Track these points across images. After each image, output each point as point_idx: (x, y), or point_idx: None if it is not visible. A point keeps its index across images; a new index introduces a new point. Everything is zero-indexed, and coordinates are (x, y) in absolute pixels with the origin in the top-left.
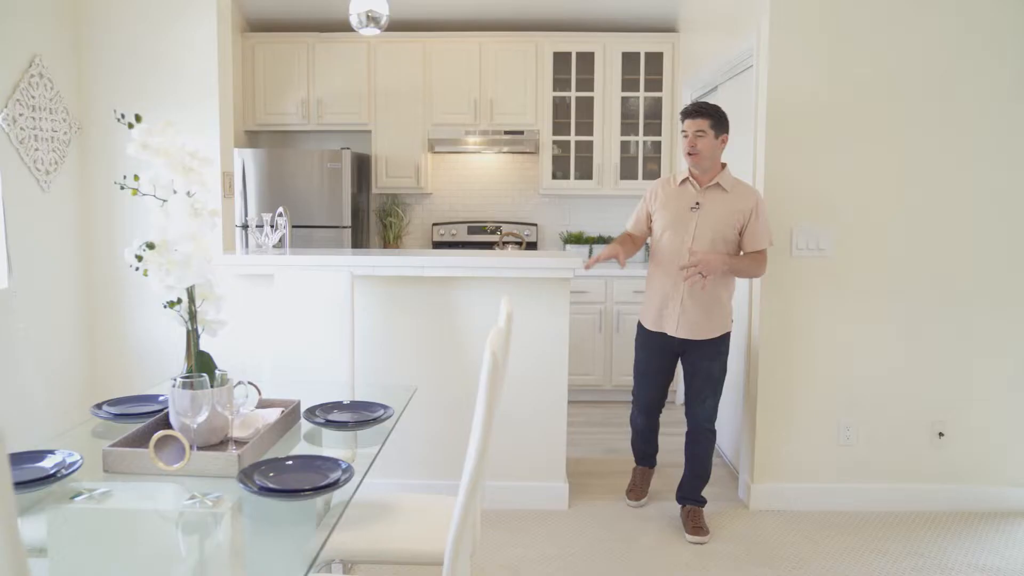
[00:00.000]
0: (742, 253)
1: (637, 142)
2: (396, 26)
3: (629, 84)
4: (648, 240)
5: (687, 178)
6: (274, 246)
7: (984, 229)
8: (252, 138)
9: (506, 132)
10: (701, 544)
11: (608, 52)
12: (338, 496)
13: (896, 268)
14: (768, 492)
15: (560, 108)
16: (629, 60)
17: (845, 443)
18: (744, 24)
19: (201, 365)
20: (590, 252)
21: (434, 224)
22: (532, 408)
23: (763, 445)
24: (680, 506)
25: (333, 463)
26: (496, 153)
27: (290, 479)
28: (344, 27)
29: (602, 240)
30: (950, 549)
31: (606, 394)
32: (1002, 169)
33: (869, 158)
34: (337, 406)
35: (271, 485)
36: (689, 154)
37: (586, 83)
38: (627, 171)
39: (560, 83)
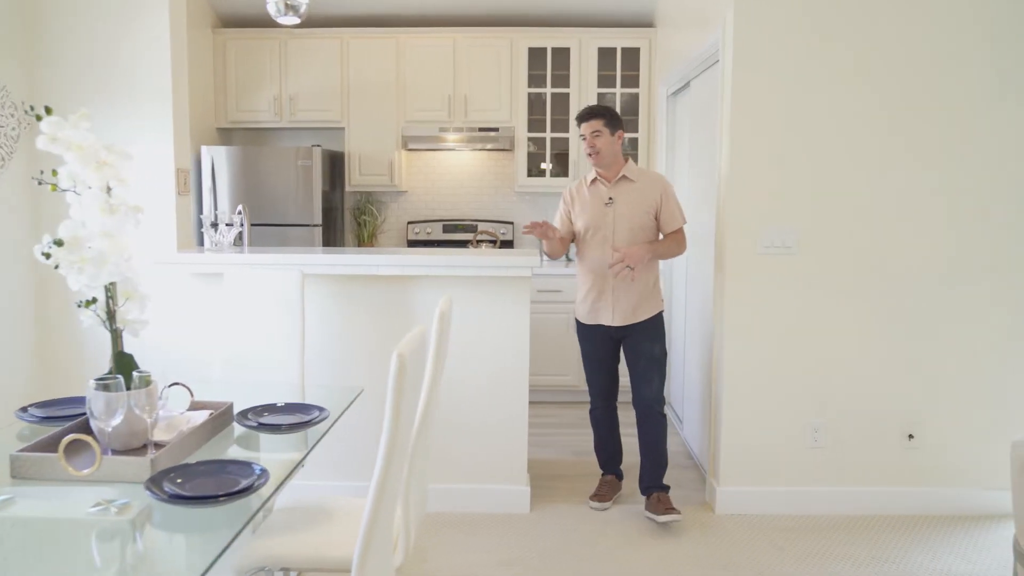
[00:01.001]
0: (661, 236)
1: None
2: (369, 21)
3: (605, 80)
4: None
5: (596, 178)
6: (234, 244)
7: (954, 228)
8: (225, 136)
9: (481, 129)
10: (677, 521)
11: (584, 47)
12: (253, 502)
13: (865, 267)
14: (734, 495)
15: (535, 104)
16: (605, 56)
17: (814, 445)
18: (712, 17)
19: (121, 366)
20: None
21: (409, 222)
22: (493, 409)
23: (729, 448)
24: (645, 497)
25: (247, 468)
26: (471, 150)
27: (201, 485)
28: (316, 22)
29: None
30: (916, 554)
31: (581, 395)
32: (972, 167)
33: (836, 154)
34: (270, 408)
35: (180, 492)
36: (590, 155)
37: (562, 79)
38: None
39: (535, 79)
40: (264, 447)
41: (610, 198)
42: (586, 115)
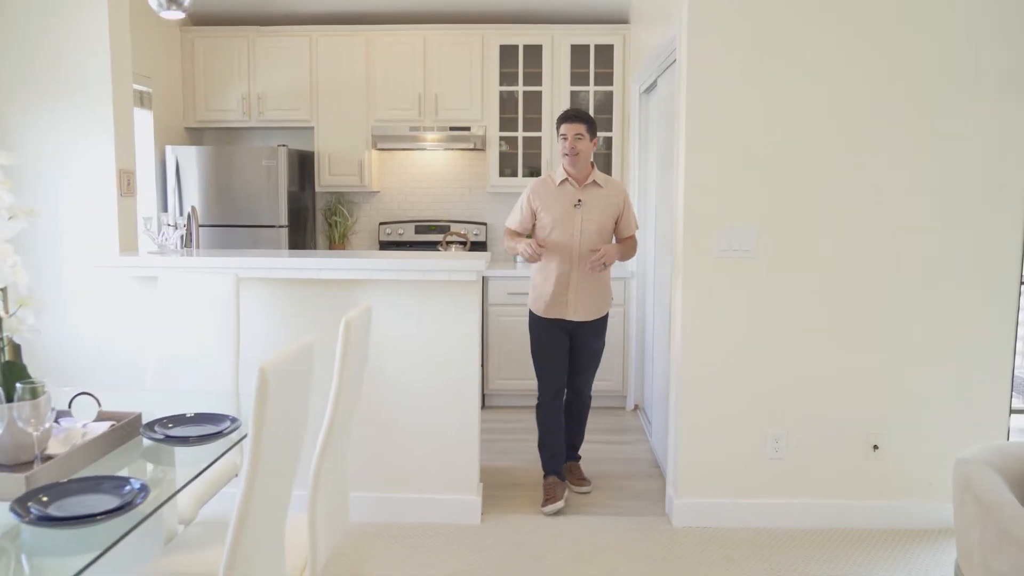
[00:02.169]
0: (614, 240)
1: None
2: (338, 18)
3: (578, 78)
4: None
5: (566, 178)
6: (184, 247)
7: (919, 230)
8: (196, 136)
9: (452, 128)
10: (588, 492)
11: (556, 44)
12: (126, 521)
13: (826, 271)
14: (692, 508)
15: (507, 103)
16: (578, 53)
17: (774, 456)
18: (670, 12)
19: (10, 375)
20: None
21: (381, 223)
22: (441, 417)
23: (687, 458)
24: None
25: (124, 485)
26: (443, 150)
27: (72, 504)
28: (285, 20)
29: None
30: (876, 570)
31: None
32: (938, 166)
33: (796, 154)
34: (179, 420)
35: (46, 512)
36: (567, 155)
37: (534, 77)
38: None
39: (507, 77)
40: (167, 460)
41: (579, 200)
42: (572, 117)
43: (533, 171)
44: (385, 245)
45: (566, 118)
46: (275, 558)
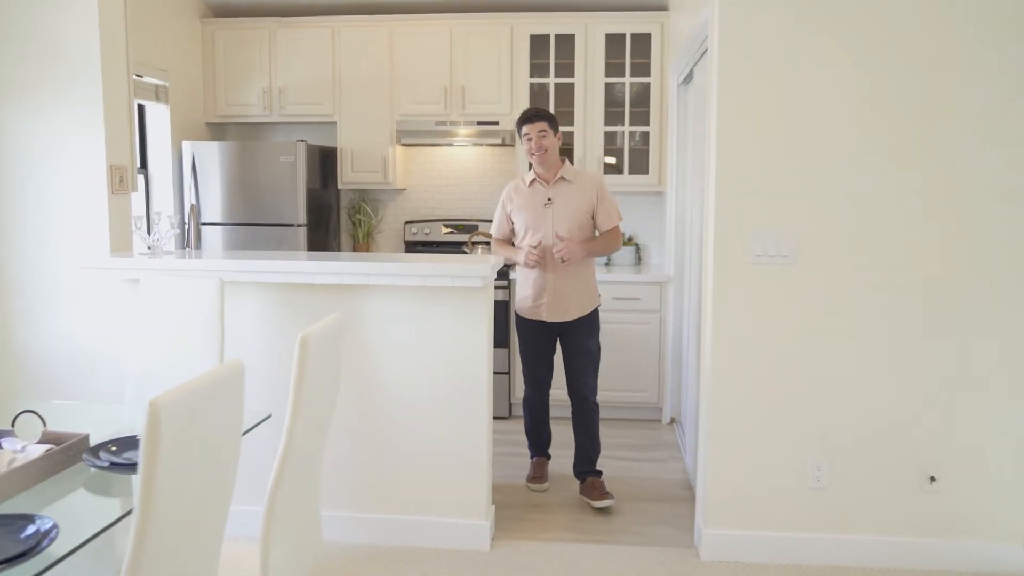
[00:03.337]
0: (597, 234)
1: (623, 133)
2: (361, 8)
3: (613, 69)
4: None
5: (535, 179)
6: (185, 247)
7: (982, 237)
8: (217, 131)
9: (479, 123)
10: (610, 506)
11: (590, 34)
12: (22, 572)
13: (876, 279)
14: (723, 539)
15: (538, 96)
16: (613, 43)
17: (816, 485)
18: None
19: None
20: None
21: (407, 222)
22: (448, 435)
23: (717, 485)
24: (580, 481)
25: (30, 525)
26: (471, 146)
27: None
28: (307, 10)
29: None
30: None
31: None
32: (1006, 165)
33: (842, 148)
34: (130, 443)
35: None
36: (536, 154)
37: (566, 68)
38: (613, 165)
39: (538, 68)
40: (116, 490)
41: (549, 199)
42: (532, 116)
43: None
44: (411, 245)
45: (526, 119)
46: None
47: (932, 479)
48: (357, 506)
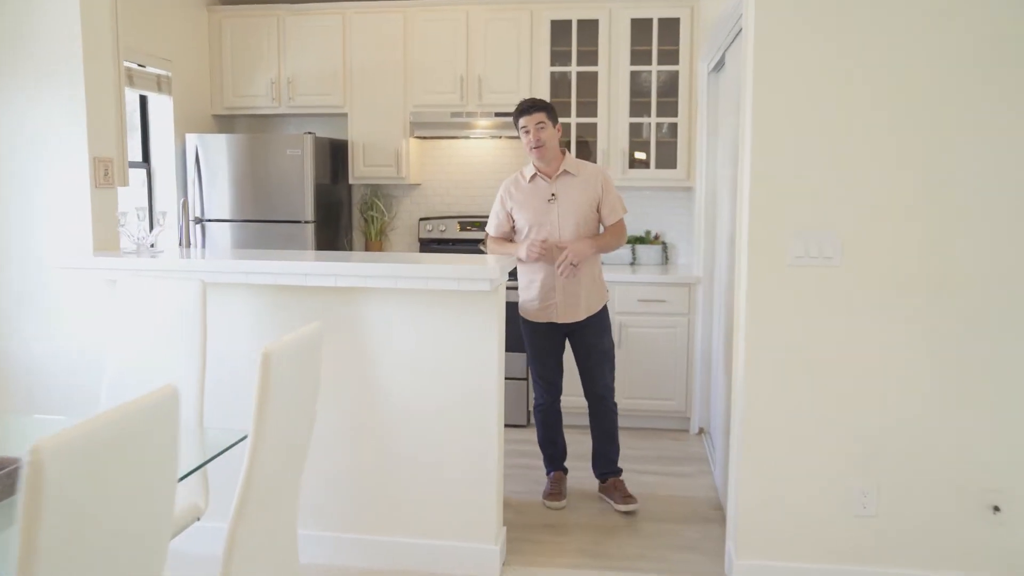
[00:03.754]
0: (602, 228)
1: (649, 124)
2: None
3: (639, 57)
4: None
5: (536, 174)
6: (180, 245)
7: None
8: (225, 123)
9: (497, 114)
10: (634, 511)
11: (614, 19)
12: None
13: (931, 284)
14: (757, 572)
15: (559, 85)
16: (639, 28)
17: (862, 513)
18: None
19: None
20: None
21: (421, 219)
22: (454, 450)
23: (750, 510)
24: (600, 481)
25: None
26: (488, 138)
27: None
28: None
29: None
30: None
31: None
32: None
33: (892, 139)
34: None
35: None
36: (535, 148)
37: (589, 56)
38: (638, 159)
39: (559, 56)
40: None
41: (552, 194)
42: (529, 108)
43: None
44: (425, 243)
45: (523, 111)
46: None
47: (996, 509)
48: (352, 526)
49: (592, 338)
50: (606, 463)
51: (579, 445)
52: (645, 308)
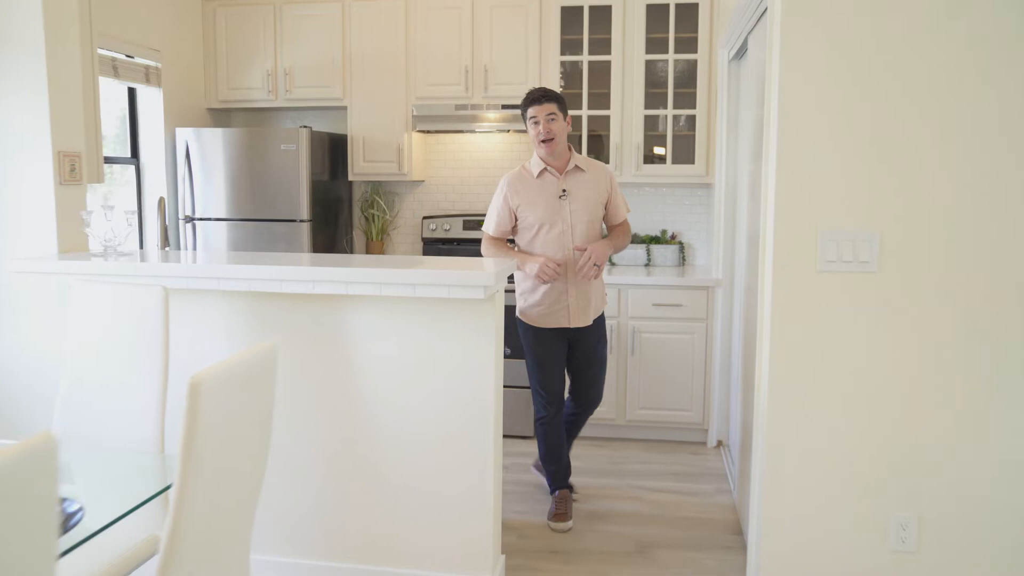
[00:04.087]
0: (604, 227)
1: (665, 117)
2: None
3: (655, 44)
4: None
5: (545, 168)
6: (161, 247)
7: None
8: (221, 117)
9: (504, 107)
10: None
11: (629, 5)
12: None
13: (979, 292)
14: None
15: (570, 76)
16: (655, 14)
17: (900, 548)
18: None
19: None
20: None
21: (425, 218)
22: (447, 473)
23: (773, 542)
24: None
25: None
26: (495, 132)
27: None
28: None
29: None
30: None
31: (618, 430)
32: None
33: (937, 131)
34: None
35: None
36: (545, 140)
37: (601, 44)
38: (652, 154)
39: (569, 45)
40: None
41: (563, 190)
42: (540, 97)
43: (600, 157)
44: (429, 243)
45: (534, 100)
46: None
47: None
48: (332, 553)
49: (594, 343)
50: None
51: (584, 460)
52: (660, 313)
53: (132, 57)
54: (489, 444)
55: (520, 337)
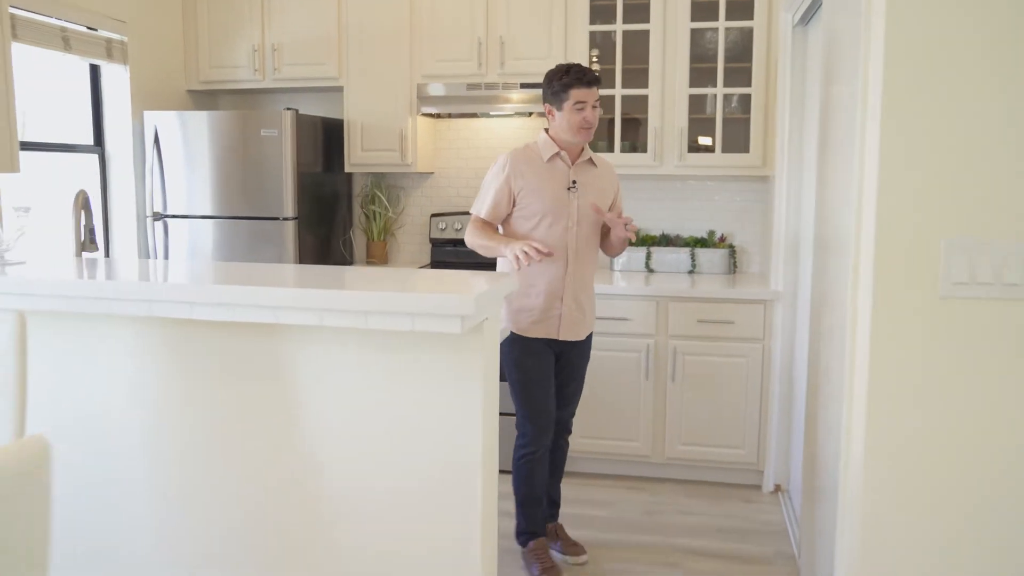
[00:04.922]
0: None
1: (715, 96)
2: None
3: (702, 10)
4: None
5: (557, 152)
6: (77, 253)
7: None
8: (204, 100)
9: (523, 85)
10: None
11: None
12: None
13: None
14: None
15: (602, 49)
16: None
17: None
18: None
19: None
20: (647, 257)
21: (433, 215)
22: (419, 547)
23: None
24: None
25: None
26: (513, 115)
27: None
28: None
29: (667, 239)
30: None
31: (654, 469)
32: None
33: None
34: None
35: None
36: (584, 129)
37: (638, 11)
38: (701, 143)
39: (600, 12)
40: None
41: (573, 182)
42: (593, 80)
43: (635, 145)
44: (438, 243)
45: (583, 80)
46: None
47: None
48: None
49: (579, 360)
50: (551, 504)
51: (611, 508)
52: (707, 331)
53: (95, 29)
54: (476, 511)
55: (507, 352)
